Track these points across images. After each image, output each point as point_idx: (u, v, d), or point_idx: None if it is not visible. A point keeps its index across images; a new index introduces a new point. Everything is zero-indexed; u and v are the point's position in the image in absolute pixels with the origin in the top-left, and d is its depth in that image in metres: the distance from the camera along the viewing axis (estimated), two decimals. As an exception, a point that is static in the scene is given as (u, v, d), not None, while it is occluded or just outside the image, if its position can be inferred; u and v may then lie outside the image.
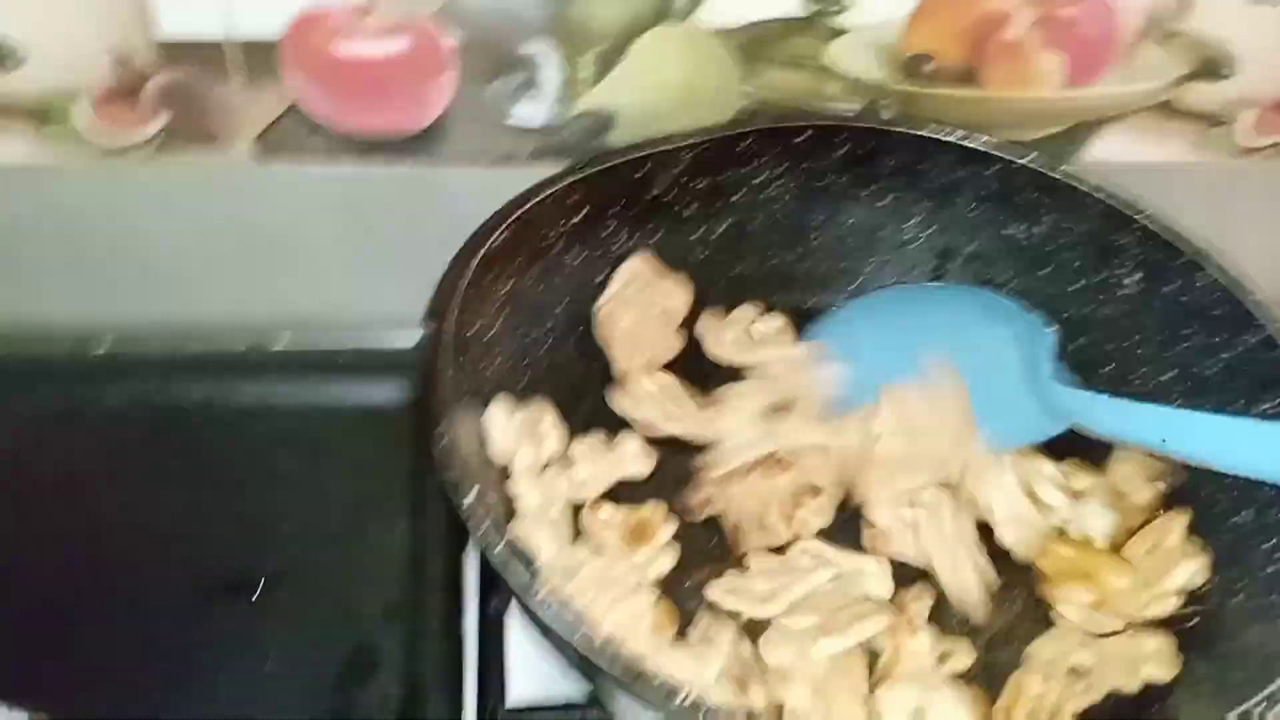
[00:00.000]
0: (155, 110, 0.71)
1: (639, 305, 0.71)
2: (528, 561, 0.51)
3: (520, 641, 0.63)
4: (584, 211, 0.68)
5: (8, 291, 0.77)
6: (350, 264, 0.79)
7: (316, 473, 0.70)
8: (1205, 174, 0.79)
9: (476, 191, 0.71)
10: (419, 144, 0.74)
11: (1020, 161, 0.70)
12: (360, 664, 0.62)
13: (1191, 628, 0.61)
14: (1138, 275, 0.68)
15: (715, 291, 0.74)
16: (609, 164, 0.68)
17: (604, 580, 0.59)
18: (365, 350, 0.76)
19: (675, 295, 0.73)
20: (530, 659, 0.62)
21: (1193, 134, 0.77)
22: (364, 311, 0.78)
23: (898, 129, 0.71)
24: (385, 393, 0.74)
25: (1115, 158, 0.77)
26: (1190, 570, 0.62)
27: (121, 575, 0.65)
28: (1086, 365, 0.71)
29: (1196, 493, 0.65)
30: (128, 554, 0.66)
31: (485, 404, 0.63)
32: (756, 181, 0.73)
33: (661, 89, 0.73)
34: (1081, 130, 0.76)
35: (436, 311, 0.60)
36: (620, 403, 0.69)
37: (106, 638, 0.62)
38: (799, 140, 0.71)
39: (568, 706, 0.60)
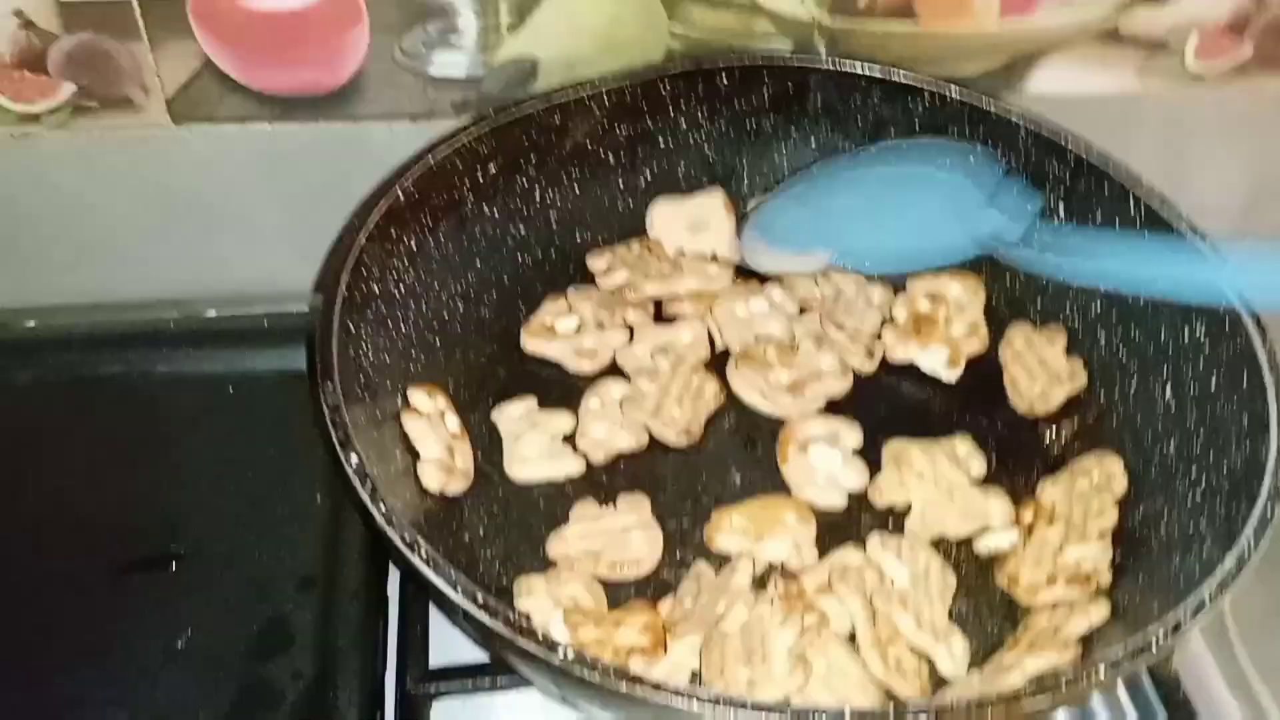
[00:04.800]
0: (63, 74, 0.70)
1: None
2: (407, 525, 0.49)
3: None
4: (497, 163, 0.66)
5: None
6: (273, 227, 0.77)
7: (234, 443, 0.69)
8: (1156, 105, 0.76)
9: (401, 148, 0.70)
10: (338, 100, 0.72)
11: (950, 94, 0.68)
12: (274, 636, 0.61)
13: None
14: (1069, 204, 0.67)
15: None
16: (520, 114, 0.66)
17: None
18: (284, 315, 0.74)
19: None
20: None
21: (1138, 61, 0.74)
22: (287, 276, 0.76)
23: (820, 66, 0.70)
24: (303, 360, 0.72)
25: (1059, 90, 0.74)
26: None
27: (38, 548, 0.64)
28: (1017, 302, 0.70)
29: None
30: (46, 527, 0.65)
31: (392, 361, 0.62)
32: (682, 126, 0.71)
33: (585, 33, 0.71)
34: (1021, 63, 0.74)
35: (331, 270, 0.58)
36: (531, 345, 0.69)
37: (20, 611, 0.62)
38: (721, 82, 0.70)
39: (482, 668, 0.59)
